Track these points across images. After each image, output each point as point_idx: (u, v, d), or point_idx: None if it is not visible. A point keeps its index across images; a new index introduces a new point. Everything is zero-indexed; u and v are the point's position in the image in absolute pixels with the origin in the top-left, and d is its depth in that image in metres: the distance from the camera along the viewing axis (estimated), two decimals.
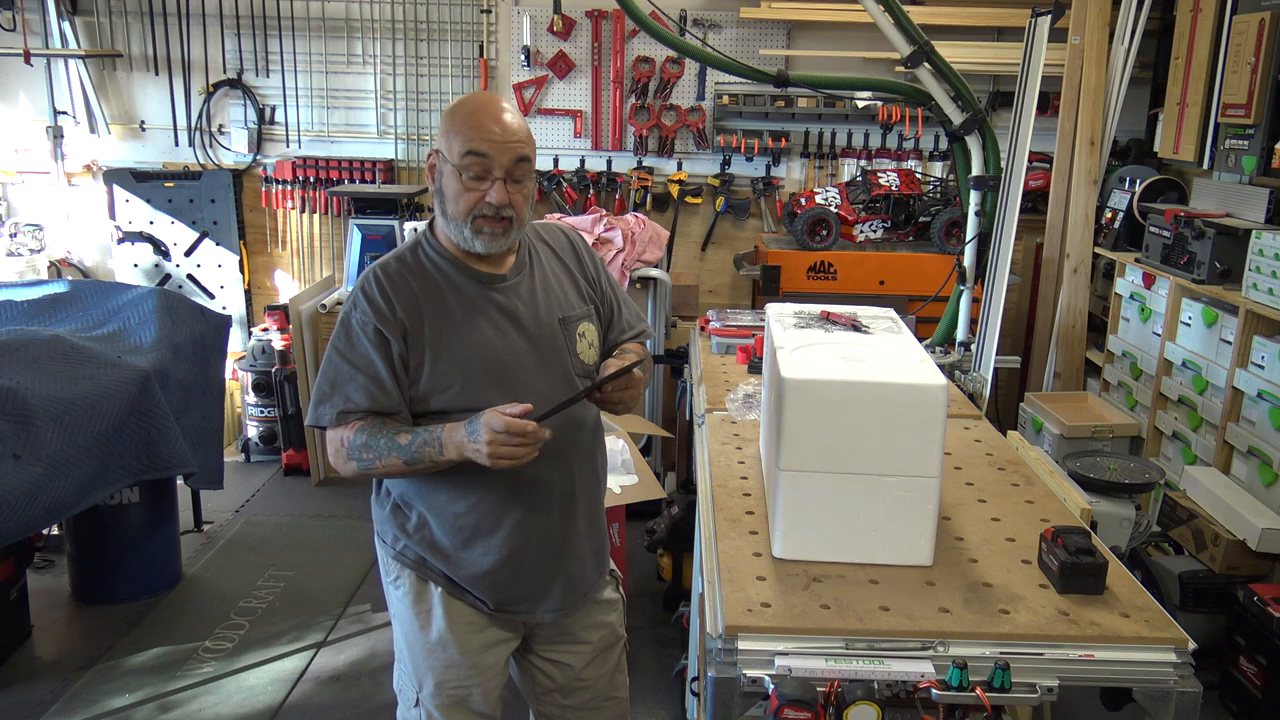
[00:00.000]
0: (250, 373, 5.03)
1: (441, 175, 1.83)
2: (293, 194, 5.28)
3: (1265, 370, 3.35)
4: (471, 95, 1.86)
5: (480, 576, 1.92)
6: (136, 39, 5.18)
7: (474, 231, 1.82)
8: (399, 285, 1.84)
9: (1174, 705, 1.54)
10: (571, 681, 2.09)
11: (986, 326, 3.49)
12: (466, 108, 1.81)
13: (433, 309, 1.84)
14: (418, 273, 1.87)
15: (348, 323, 1.83)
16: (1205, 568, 3.36)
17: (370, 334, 1.80)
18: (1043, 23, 3.41)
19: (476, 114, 1.79)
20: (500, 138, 1.78)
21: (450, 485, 1.87)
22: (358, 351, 1.81)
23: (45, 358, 3.18)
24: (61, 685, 3.23)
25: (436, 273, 1.87)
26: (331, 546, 4.25)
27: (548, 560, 1.95)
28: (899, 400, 1.73)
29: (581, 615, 2.06)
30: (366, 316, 1.81)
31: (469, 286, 1.87)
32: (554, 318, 1.93)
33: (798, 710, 1.45)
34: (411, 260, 1.88)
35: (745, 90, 5.02)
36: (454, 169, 1.79)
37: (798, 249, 4.63)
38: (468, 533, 1.89)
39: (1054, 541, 1.76)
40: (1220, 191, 4.10)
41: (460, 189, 1.80)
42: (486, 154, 1.77)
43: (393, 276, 1.84)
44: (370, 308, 1.81)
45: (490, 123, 1.78)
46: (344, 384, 1.80)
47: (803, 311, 2.34)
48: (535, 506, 1.91)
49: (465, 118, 1.79)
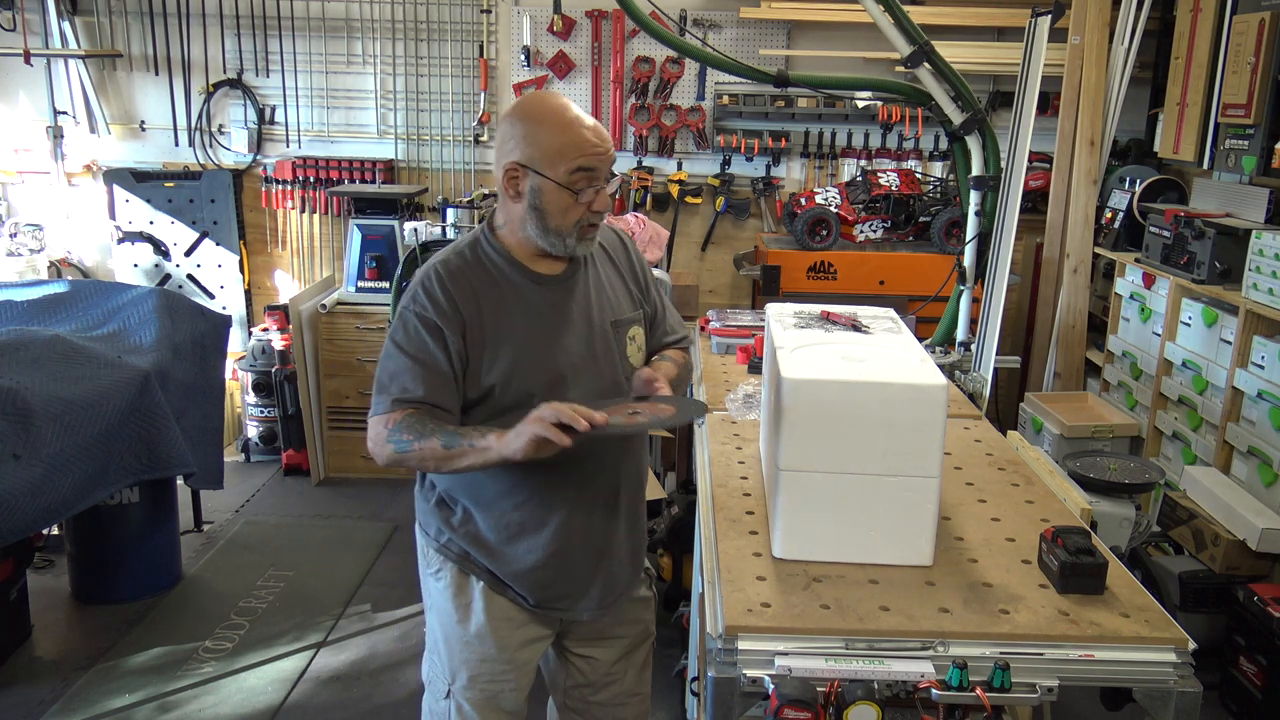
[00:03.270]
0: (250, 373, 5.03)
1: (539, 193, 1.79)
2: (293, 194, 5.28)
3: (1265, 370, 3.35)
4: (543, 102, 1.83)
5: (523, 573, 1.93)
6: (136, 39, 5.18)
7: (579, 239, 1.84)
8: (459, 281, 1.83)
9: (1174, 705, 1.54)
10: (602, 677, 2.12)
11: (986, 326, 3.50)
12: (553, 120, 1.78)
13: (491, 306, 1.84)
14: (477, 270, 1.87)
15: (406, 317, 1.82)
16: (1205, 568, 3.36)
17: (429, 328, 1.80)
18: (1043, 23, 3.41)
19: (572, 127, 1.77)
20: (601, 148, 1.79)
21: (498, 481, 1.88)
22: (416, 345, 1.80)
23: (45, 358, 3.18)
24: (61, 685, 3.22)
25: (496, 271, 1.87)
26: (331, 546, 4.25)
27: (590, 560, 1.96)
28: (899, 400, 1.73)
29: (617, 612, 2.08)
30: (426, 310, 1.81)
31: (527, 287, 1.88)
32: (606, 320, 1.94)
33: (798, 710, 1.45)
34: (471, 257, 1.88)
35: (745, 90, 5.02)
36: (558, 187, 1.78)
37: (798, 249, 4.63)
38: (513, 529, 1.90)
39: (1054, 541, 1.76)
40: (1220, 191, 4.10)
41: (569, 204, 1.79)
42: (594, 168, 1.78)
43: (453, 273, 1.84)
44: (430, 302, 1.81)
45: (589, 134, 1.78)
46: (401, 375, 1.80)
47: (803, 311, 2.34)
48: (580, 506, 1.92)
49: (561, 131, 1.77)
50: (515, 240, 1.88)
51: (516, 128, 1.80)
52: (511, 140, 1.80)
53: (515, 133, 1.79)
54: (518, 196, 1.82)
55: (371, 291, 4.88)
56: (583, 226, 1.83)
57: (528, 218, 1.82)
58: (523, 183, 1.80)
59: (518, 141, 1.79)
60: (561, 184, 1.77)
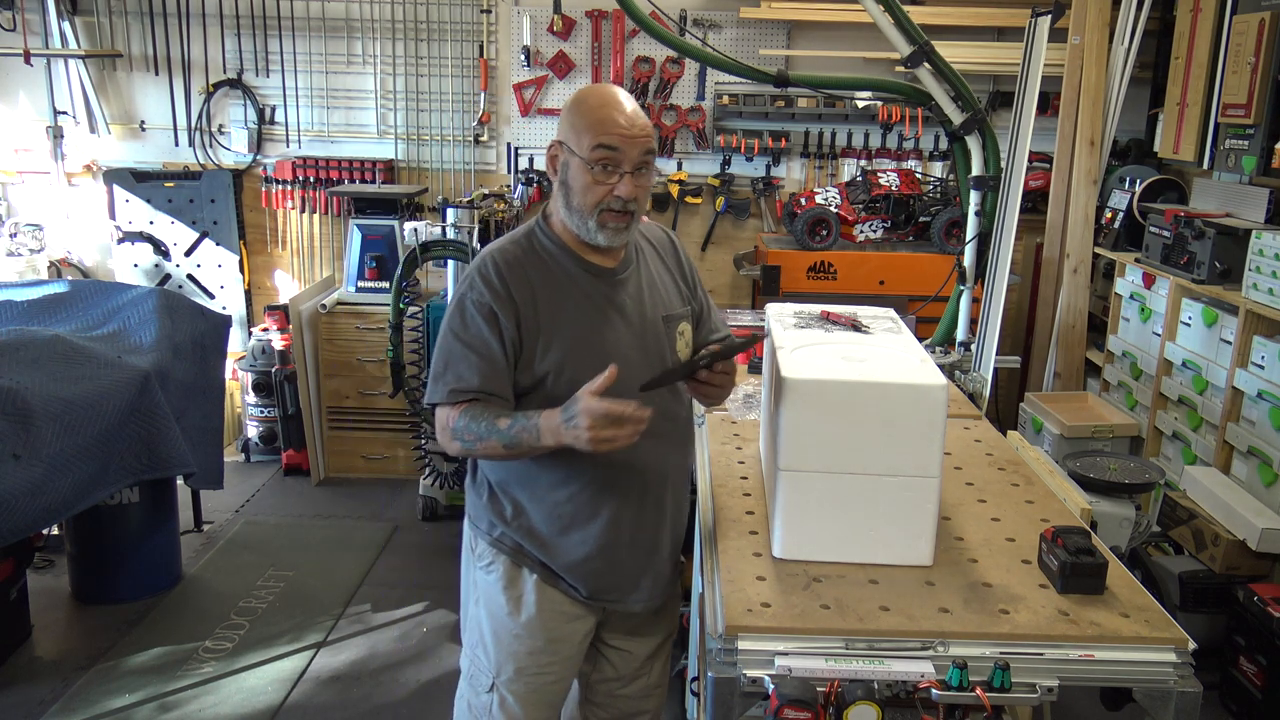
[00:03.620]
0: (250, 373, 5.03)
1: (568, 168, 1.85)
2: (293, 194, 5.28)
3: (1265, 370, 3.35)
4: (595, 88, 1.91)
5: (576, 564, 1.95)
6: (136, 39, 5.18)
7: (599, 225, 1.85)
8: (515, 269, 1.86)
9: (1174, 705, 1.54)
10: (634, 671, 2.14)
11: (986, 326, 3.50)
12: (593, 100, 1.84)
13: (546, 295, 1.87)
14: (532, 259, 1.89)
15: (462, 303, 1.85)
16: (1205, 568, 3.36)
17: (484, 314, 1.83)
18: (1043, 23, 3.41)
19: (605, 107, 1.82)
20: (630, 131, 1.81)
21: (550, 473, 1.91)
22: (471, 331, 1.83)
23: (45, 358, 3.18)
24: (61, 685, 3.22)
25: (551, 260, 1.90)
26: (331, 546, 4.25)
27: (640, 551, 1.99)
28: (899, 400, 1.73)
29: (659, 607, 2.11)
30: (482, 297, 1.83)
31: (581, 277, 1.90)
32: (658, 315, 1.98)
33: (798, 710, 1.45)
34: (526, 246, 1.91)
35: (745, 90, 5.02)
36: (582, 162, 1.82)
37: (798, 249, 4.63)
38: (565, 521, 1.92)
39: (1054, 541, 1.76)
40: (1220, 191, 4.10)
41: (590, 182, 1.82)
42: (617, 147, 1.80)
43: (510, 260, 1.87)
44: (486, 288, 1.83)
45: (619, 116, 1.81)
46: (456, 362, 1.83)
47: (803, 311, 2.34)
48: (631, 498, 1.95)
49: (594, 110, 1.82)
50: (564, 228, 1.91)
51: (565, 112, 1.87)
52: (560, 123, 1.88)
53: (563, 116, 1.88)
54: (555, 174, 1.88)
55: (371, 291, 4.88)
56: (602, 212, 1.83)
57: (558, 195, 1.88)
58: (559, 159, 1.87)
59: (561, 120, 1.87)
60: (584, 159, 1.81)
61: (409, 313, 4.40)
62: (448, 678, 3.33)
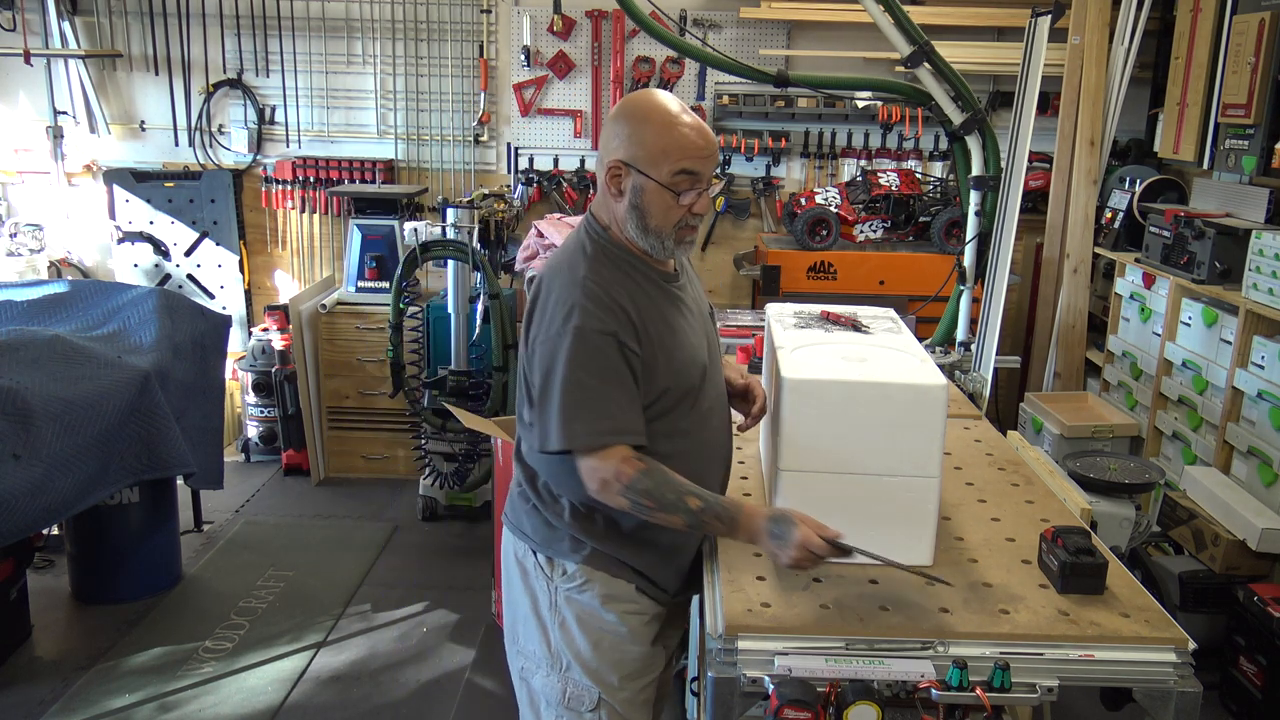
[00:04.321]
0: (250, 373, 5.03)
1: (640, 192, 1.78)
2: (293, 194, 5.28)
3: (1265, 370, 3.35)
4: (649, 101, 1.80)
5: (668, 563, 1.95)
6: (136, 39, 5.18)
7: (677, 241, 1.83)
8: (616, 287, 1.79)
9: (1174, 705, 1.54)
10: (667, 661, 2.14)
11: (986, 326, 3.50)
12: (658, 118, 1.76)
13: (646, 309, 1.82)
14: (619, 274, 1.83)
15: (584, 334, 1.72)
16: (1205, 568, 3.36)
17: (610, 342, 1.74)
18: (1043, 23, 3.41)
19: (676, 125, 1.76)
20: (707, 151, 1.77)
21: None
22: (600, 364, 1.74)
23: (45, 358, 3.18)
24: (61, 685, 3.22)
25: (634, 272, 1.85)
26: (331, 546, 4.25)
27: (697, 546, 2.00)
28: (899, 400, 1.73)
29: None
30: (603, 324, 1.74)
31: (660, 285, 1.88)
32: (706, 313, 2.01)
33: (798, 710, 1.45)
34: (608, 261, 1.84)
35: (745, 90, 5.02)
36: (660, 186, 1.76)
37: (798, 249, 4.63)
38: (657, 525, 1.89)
39: (1054, 541, 1.76)
40: (1220, 191, 4.10)
41: (669, 204, 1.78)
42: (698, 171, 1.77)
43: (608, 280, 1.79)
44: (605, 313, 1.75)
45: (694, 135, 1.76)
46: (598, 402, 1.73)
47: (803, 311, 2.34)
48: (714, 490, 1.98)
49: (666, 131, 1.75)
50: (624, 240, 1.86)
51: (622, 126, 1.78)
52: (616, 139, 1.79)
53: (620, 131, 1.78)
54: (619, 195, 1.81)
55: (371, 291, 4.88)
56: (681, 228, 1.82)
57: (628, 217, 1.81)
58: (625, 180, 1.79)
59: (622, 140, 1.78)
60: (663, 184, 1.76)
61: (409, 313, 4.41)
62: (448, 678, 3.34)
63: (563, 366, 1.73)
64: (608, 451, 1.72)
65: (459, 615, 3.72)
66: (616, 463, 1.72)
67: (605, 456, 1.72)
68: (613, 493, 1.73)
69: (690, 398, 1.86)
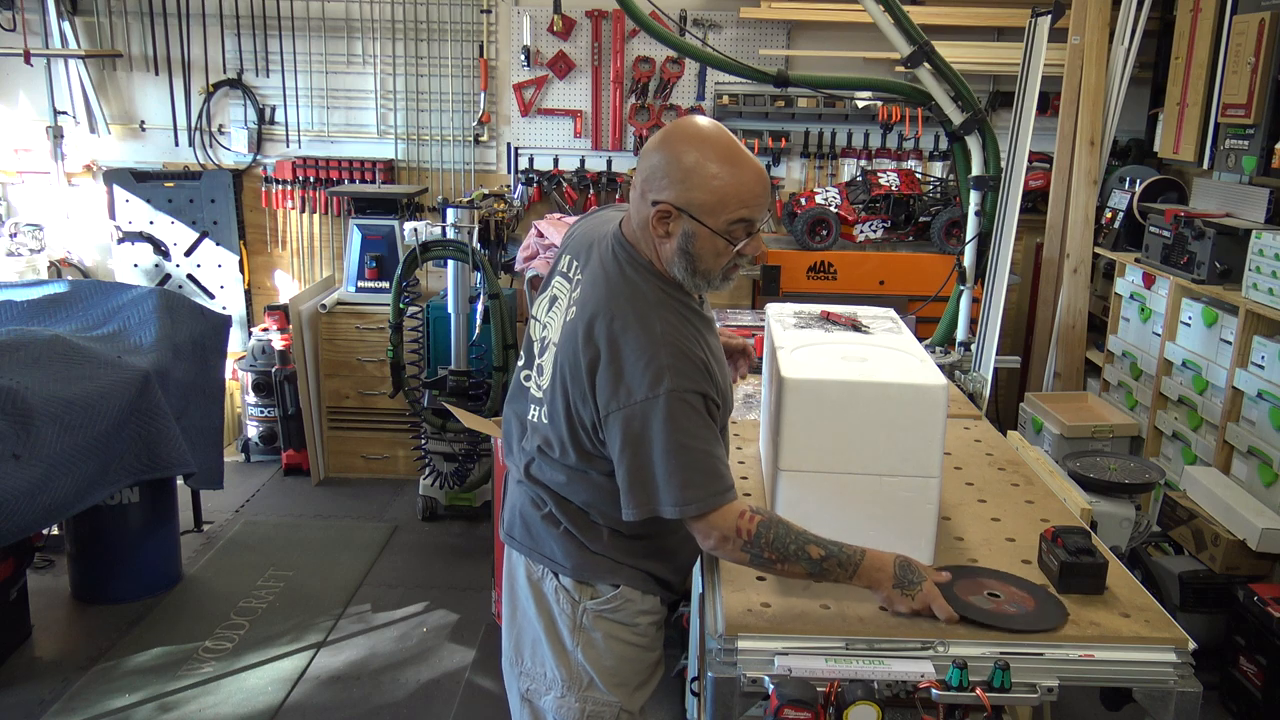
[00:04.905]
0: (250, 373, 5.03)
1: (692, 238, 1.69)
2: (293, 194, 5.28)
3: (1265, 370, 3.35)
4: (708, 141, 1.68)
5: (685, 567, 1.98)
6: (136, 39, 5.18)
7: (724, 278, 1.77)
8: (689, 340, 1.72)
9: (1174, 705, 1.54)
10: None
11: (986, 326, 3.50)
12: (721, 163, 1.66)
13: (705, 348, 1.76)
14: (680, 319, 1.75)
15: (679, 397, 1.65)
16: (1205, 568, 3.36)
17: (702, 402, 1.69)
18: (1043, 23, 3.41)
19: (740, 173, 1.66)
20: (765, 197, 1.71)
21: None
22: (697, 424, 1.68)
23: (45, 358, 3.18)
24: (61, 685, 3.22)
25: (683, 309, 1.77)
26: (331, 546, 4.25)
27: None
28: (899, 400, 1.73)
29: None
30: (696, 384, 1.68)
31: (697, 314, 1.81)
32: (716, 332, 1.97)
33: (798, 710, 1.45)
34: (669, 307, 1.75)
35: (745, 90, 5.02)
36: (713, 234, 1.68)
37: (798, 249, 4.63)
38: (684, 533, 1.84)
39: (1054, 541, 1.76)
40: (1220, 191, 4.10)
41: (723, 251, 1.70)
42: (755, 219, 1.70)
43: (681, 334, 1.71)
44: (693, 371, 1.69)
45: (755, 183, 1.68)
46: (704, 463, 1.67)
47: (803, 311, 2.34)
48: None
49: (728, 179, 1.66)
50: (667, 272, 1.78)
51: (673, 165, 1.67)
52: (666, 177, 1.68)
53: (672, 170, 1.67)
54: (667, 237, 1.71)
55: (371, 291, 4.88)
56: (729, 268, 1.75)
57: (676, 260, 1.72)
58: (674, 224, 1.70)
59: (674, 180, 1.67)
60: (719, 233, 1.68)
61: (409, 313, 4.41)
62: (448, 678, 3.34)
63: (662, 433, 1.65)
64: (725, 510, 1.66)
65: (459, 615, 3.72)
66: (735, 519, 1.65)
67: (723, 515, 1.66)
68: (733, 549, 1.67)
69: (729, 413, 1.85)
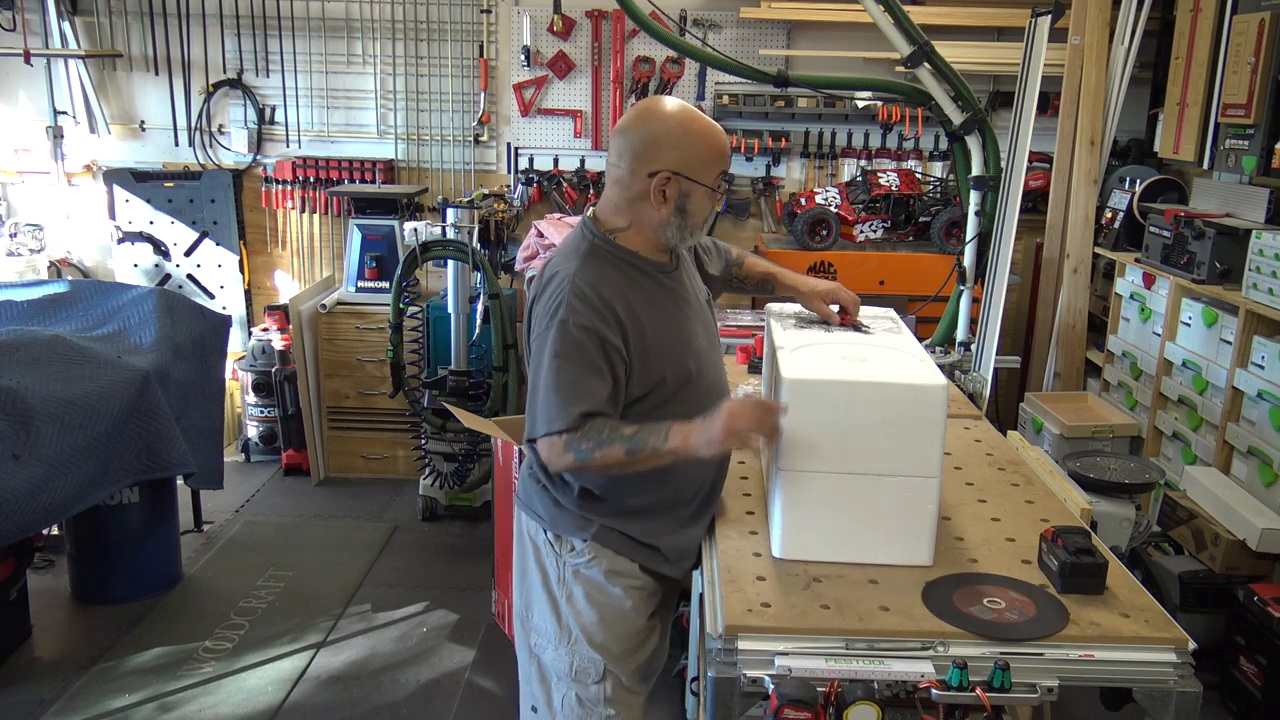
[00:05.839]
0: (250, 373, 5.03)
1: (689, 197, 1.90)
2: (293, 194, 5.28)
3: (1265, 370, 3.35)
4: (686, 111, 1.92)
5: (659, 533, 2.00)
6: (136, 39, 5.18)
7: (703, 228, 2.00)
8: (607, 285, 1.88)
9: (1174, 705, 1.54)
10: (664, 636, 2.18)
11: (986, 326, 3.50)
12: (698, 127, 1.90)
13: (639, 303, 1.90)
14: (614, 273, 1.92)
15: (565, 329, 1.83)
16: (1205, 568, 3.36)
17: (592, 337, 1.83)
18: (1043, 23, 3.41)
19: (715, 134, 1.92)
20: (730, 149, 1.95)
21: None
22: (581, 357, 1.83)
23: (45, 358, 3.18)
24: (61, 685, 3.22)
25: (630, 270, 1.94)
26: (331, 546, 4.25)
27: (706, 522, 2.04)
28: (899, 400, 1.73)
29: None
30: (588, 321, 1.83)
31: (658, 277, 1.98)
32: (703, 298, 2.11)
33: (798, 710, 1.45)
34: (603, 262, 1.93)
35: (745, 90, 5.02)
36: (707, 190, 1.92)
37: (798, 249, 4.63)
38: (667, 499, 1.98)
39: (1054, 541, 1.76)
40: (1220, 191, 4.10)
41: (709, 204, 1.95)
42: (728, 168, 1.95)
43: (599, 279, 1.88)
44: (589, 310, 1.84)
45: (724, 140, 1.93)
46: (573, 388, 1.82)
47: (803, 312, 2.34)
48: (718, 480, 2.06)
49: (709, 139, 1.90)
50: (641, 240, 1.96)
51: (665, 137, 1.88)
52: (660, 149, 1.88)
53: (666, 142, 1.88)
54: (664, 201, 1.90)
55: (371, 291, 4.88)
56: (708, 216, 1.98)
57: (672, 221, 1.92)
58: (670, 188, 1.89)
59: (668, 149, 1.88)
60: (710, 187, 1.92)
61: (409, 313, 4.41)
62: (448, 678, 3.34)
63: (547, 358, 1.84)
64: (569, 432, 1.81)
65: (459, 615, 3.72)
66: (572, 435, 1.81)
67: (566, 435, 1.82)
68: (558, 451, 1.82)
69: (689, 382, 1.95)
